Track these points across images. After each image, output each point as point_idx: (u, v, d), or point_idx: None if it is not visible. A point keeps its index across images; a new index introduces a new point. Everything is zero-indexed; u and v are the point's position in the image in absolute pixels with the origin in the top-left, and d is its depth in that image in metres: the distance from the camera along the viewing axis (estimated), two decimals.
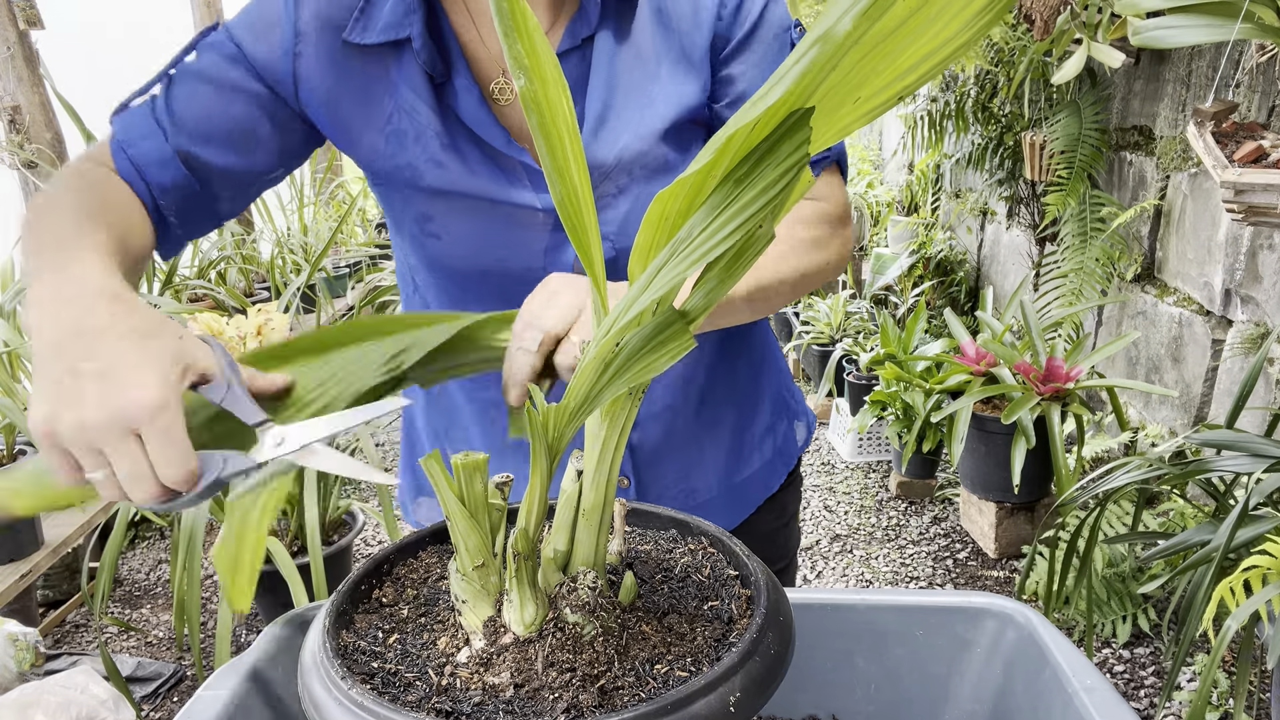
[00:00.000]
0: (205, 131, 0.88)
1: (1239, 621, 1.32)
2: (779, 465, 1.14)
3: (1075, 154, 2.85)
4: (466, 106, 0.88)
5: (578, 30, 0.90)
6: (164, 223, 0.89)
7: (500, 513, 0.60)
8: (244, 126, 0.90)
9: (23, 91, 2.54)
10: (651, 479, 1.04)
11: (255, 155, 0.91)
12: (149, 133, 0.87)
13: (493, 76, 0.91)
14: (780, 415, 1.14)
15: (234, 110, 0.89)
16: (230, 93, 0.89)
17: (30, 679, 1.66)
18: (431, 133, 0.89)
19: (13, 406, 1.93)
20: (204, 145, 0.88)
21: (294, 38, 0.88)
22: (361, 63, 0.88)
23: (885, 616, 0.79)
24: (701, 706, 0.51)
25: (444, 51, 0.89)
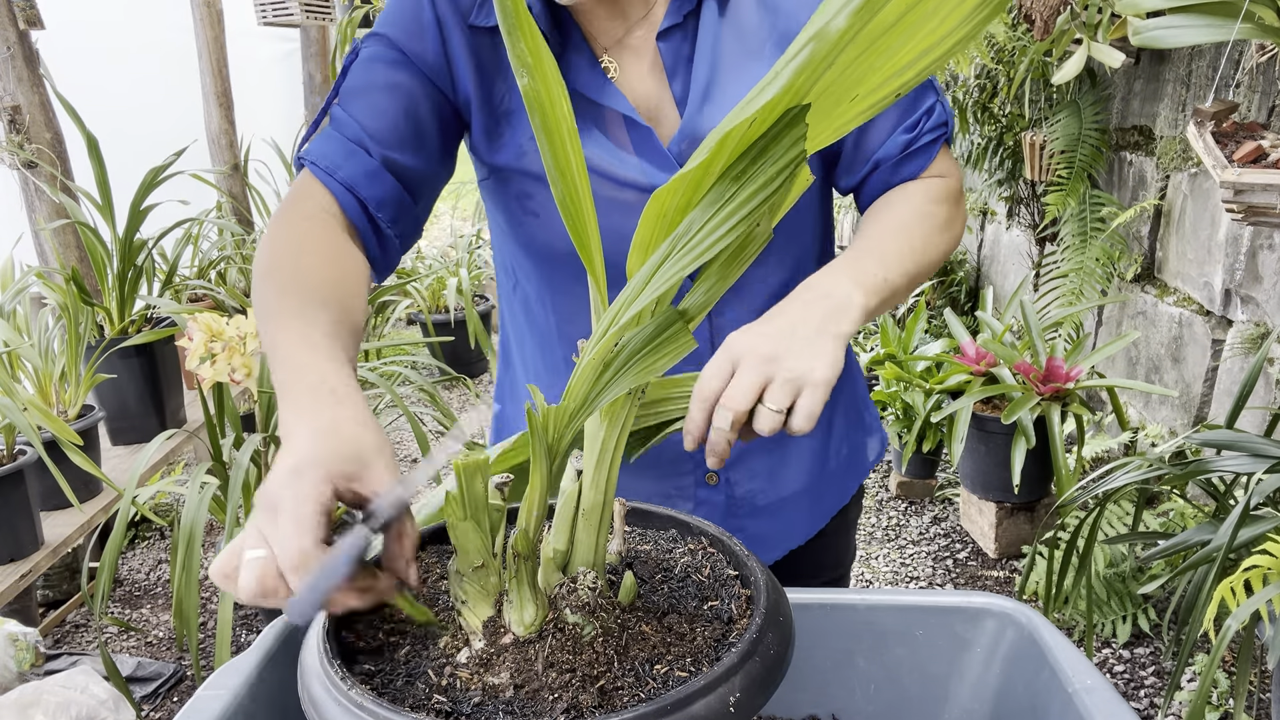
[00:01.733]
0: (397, 138, 0.91)
1: (1239, 621, 1.32)
2: (850, 478, 1.14)
3: (1075, 154, 2.85)
4: (580, 74, 0.92)
5: (681, 6, 0.92)
6: (380, 242, 0.91)
7: (500, 513, 0.60)
8: (421, 126, 0.93)
9: (23, 91, 2.54)
10: (739, 478, 1.05)
11: (430, 153, 0.94)
12: (351, 152, 0.89)
13: (602, 51, 0.94)
14: (855, 427, 1.14)
15: (413, 111, 0.92)
16: (405, 96, 0.92)
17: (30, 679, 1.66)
18: None
19: (12, 407, 1.93)
20: (400, 150, 0.91)
21: (438, 28, 0.92)
22: (485, 45, 0.93)
23: (885, 616, 0.79)
24: (701, 707, 0.51)
25: (560, 28, 0.92)
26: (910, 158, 0.96)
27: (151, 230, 2.74)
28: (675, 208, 0.53)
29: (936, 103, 0.96)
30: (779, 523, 1.09)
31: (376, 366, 2.78)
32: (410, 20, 0.92)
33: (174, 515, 2.92)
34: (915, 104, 0.96)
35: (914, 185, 0.96)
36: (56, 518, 2.22)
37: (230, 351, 1.81)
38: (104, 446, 2.57)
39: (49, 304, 2.43)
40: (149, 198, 2.60)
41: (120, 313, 2.56)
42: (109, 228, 2.58)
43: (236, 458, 2.03)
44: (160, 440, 2.14)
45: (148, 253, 2.62)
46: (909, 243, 0.88)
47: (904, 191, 0.95)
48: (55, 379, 2.29)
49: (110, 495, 2.31)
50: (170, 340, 2.58)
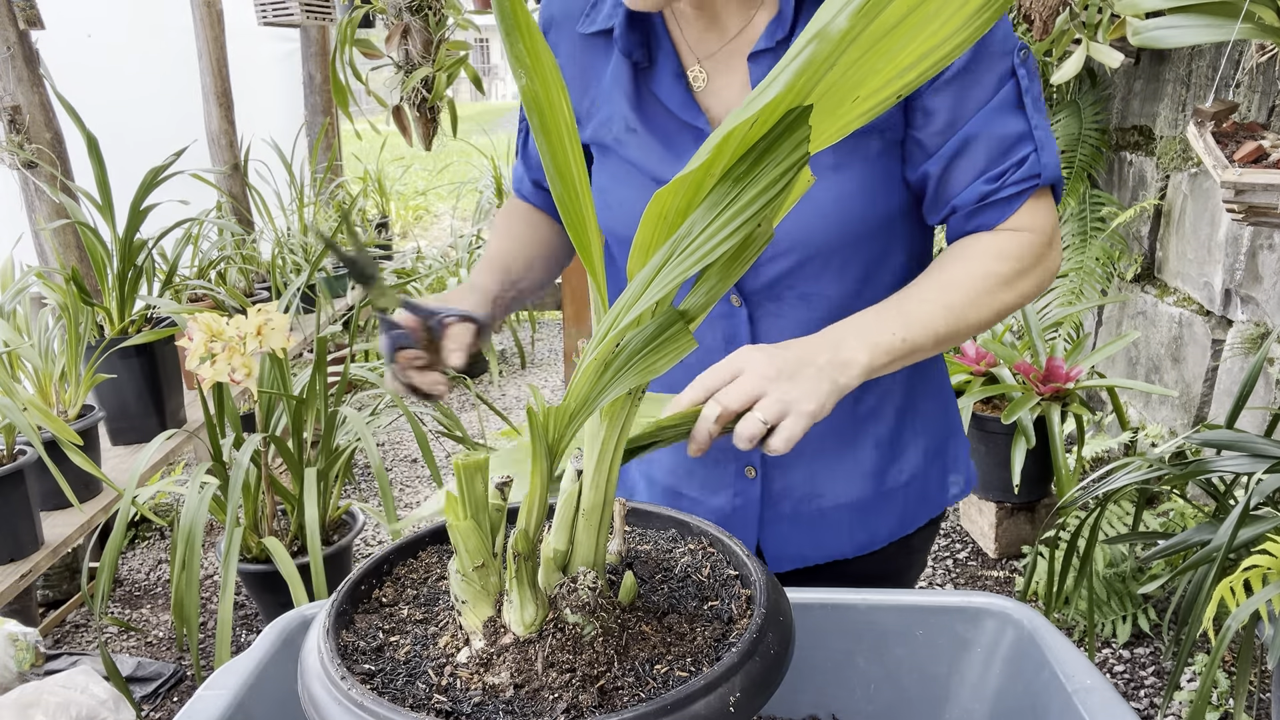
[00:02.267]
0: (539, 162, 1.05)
1: (1239, 621, 1.32)
2: (921, 509, 1.11)
3: (1075, 154, 2.85)
4: (664, 85, 0.98)
5: (775, 32, 0.94)
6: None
7: (500, 513, 0.60)
8: None
9: (23, 91, 2.54)
10: (778, 474, 1.05)
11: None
12: (521, 178, 1.18)
13: (689, 64, 0.99)
14: (935, 459, 1.11)
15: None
16: None
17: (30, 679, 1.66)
18: (619, 116, 1.00)
19: (12, 407, 1.93)
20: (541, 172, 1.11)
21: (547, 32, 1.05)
22: (587, 50, 1.03)
23: (885, 616, 0.79)
24: (701, 706, 0.51)
25: (650, 40, 0.99)
26: (986, 209, 0.94)
27: (151, 230, 2.74)
28: (676, 209, 0.52)
29: (1032, 153, 0.93)
30: (816, 531, 1.06)
31: (376, 366, 2.78)
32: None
33: (174, 515, 2.92)
34: (1007, 153, 0.93)
35: (986, 238, 0.94)
36: (56, 518, 2.21)
37: (230, 351, 1.80)
38: (104, 446, 2.57)
39: (49, 304, 2.43)
40: (149, 198, 2.60)
41: (120, 313, 2.56)
42: (109, 228, 2.58)
43: (236, 458, 2.03)
44: (160, 440, 2.14)
45: (148, 253, 2.62)
46: (948, 302, 0.89)
47: (971, 244, 0.94)
48: (55, 379, 2.29)
49: (110, 495, 2.31)
50: (170, 340, 2.58)
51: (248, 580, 2.30)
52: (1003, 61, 0.92)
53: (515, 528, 0.58)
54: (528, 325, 5.36)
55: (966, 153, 0.94)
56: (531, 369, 4.77)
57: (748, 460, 1.04)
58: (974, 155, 0.93)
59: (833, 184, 0.93)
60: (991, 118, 0.92)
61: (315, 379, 2.26)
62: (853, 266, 0.98)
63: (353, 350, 2.61)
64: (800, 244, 0.95)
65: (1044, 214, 0.96)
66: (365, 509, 2.46)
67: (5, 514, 2.01)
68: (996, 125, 0.92)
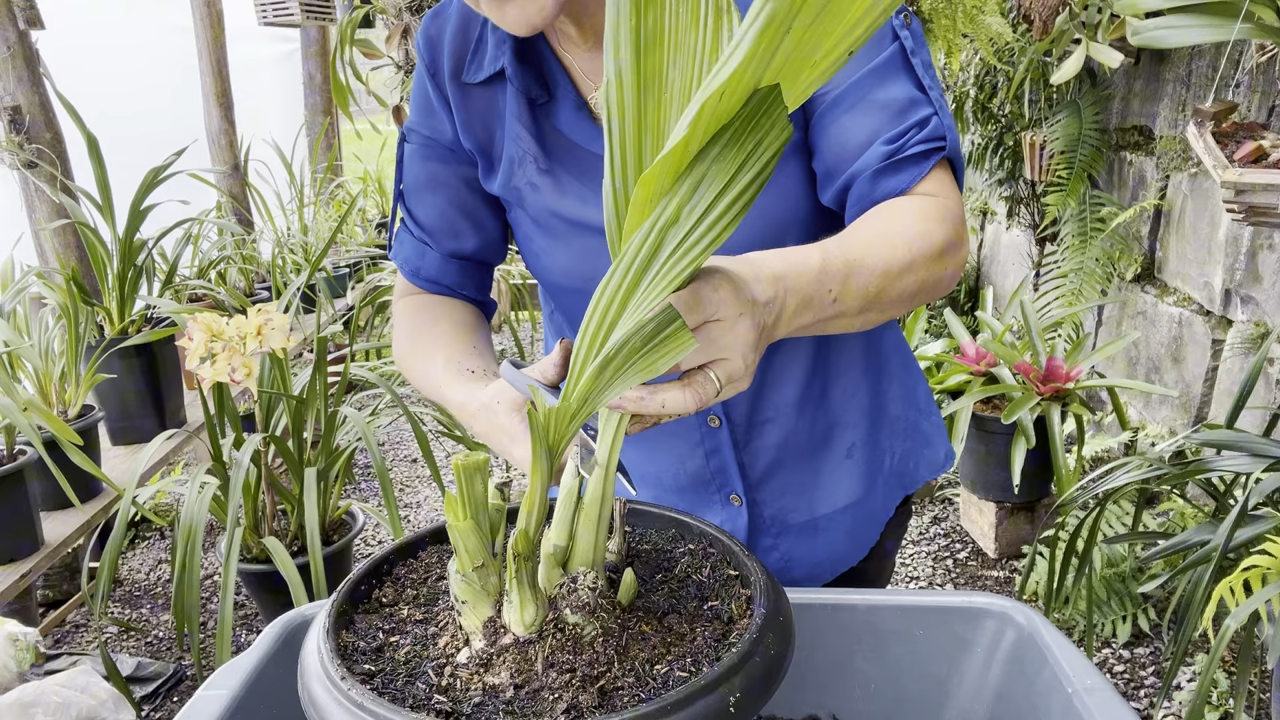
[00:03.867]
0: (452, 230, 1.01)
1: (1238, 621, 1.32)
2: (895, 490, 1.08)
3: (1075, 154, 2.85)
4: (565, 118, 0.93)
5: None
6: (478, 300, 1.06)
7: (500, 513, 0.60)
8: (468, 207, 1.01)
9: (23, 91, 2.54)
10: (764, 498, 1.03)
11: (488, 226, 1.03)
12: (422, 252, 1.03)
13: (589, 93, 0.94)
14: (911, 438, 1.09)
15: (456, 198, 1.01)
16: (444, 185, 1.01)
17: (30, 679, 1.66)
18: (530, 157, 0.95)
19: (12, 407, 1.93)
20: (456, 240, 1.02)
21: (445, 104, 0.97)
22: (480, 100, 0.96)
23: (885, 616, 0.79)
24: (701, 706, 0.51)
25: (544, 75, 0.93)
26: (893, 169, 0.83)
27: (151, 230, 2.74)
28: (660, 191, 0.53)
29: (933, 115, 0.84)
30: (814, 543, 1.05)
31: (376, 366, 2.78)
32: (423, 106, 0.99)
33: (174, 515, 2.92)
34: (903, 114, 0.84)
35: (909, 200, 0.82)
36: (56, 518, 2.21)
37: (230, 351, 1.80)
38: (104, 446, 2.57)
39: (49, 304, 2.43)
40: (149, 198, 2.60)
41: (120, 313, 2.56)
42: (109, 228, 2.58)
43: (236, 458, 2.03)
44: (160, 440, 2.14)
45: (148, 253, 2.62)
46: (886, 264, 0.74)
47: (899, 205, 0.82)
48: (55, 379, 2.29)
49: (110, 495, 2.31)
50: (170, 340, 2.58)
51: (248, 580, 2.30)
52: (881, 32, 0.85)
53: (515, 528, 0.58)
54: (528, 325, 5.36)
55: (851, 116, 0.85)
56: None
57: (730, 489, 1.03)
58: (860, 115, 0.85)
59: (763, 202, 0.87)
60: (873, 80, 0.85)
61: (315, 379, 2.26)
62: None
63: (353, 350, 2.61)
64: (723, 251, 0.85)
65: (951, 188, 0.85)
66: (365, 509, 2.46)
67: (5, 514, 2.01)
68: (881, 88, 0.85)
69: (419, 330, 0.99)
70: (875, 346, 1.05)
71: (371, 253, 4.65)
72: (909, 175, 0.83)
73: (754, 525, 1.04)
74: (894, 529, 1.12)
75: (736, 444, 1.01)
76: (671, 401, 0.60)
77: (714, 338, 0.60)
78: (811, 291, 0.69)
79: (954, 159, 0.86)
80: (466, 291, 1.04)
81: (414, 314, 1.01)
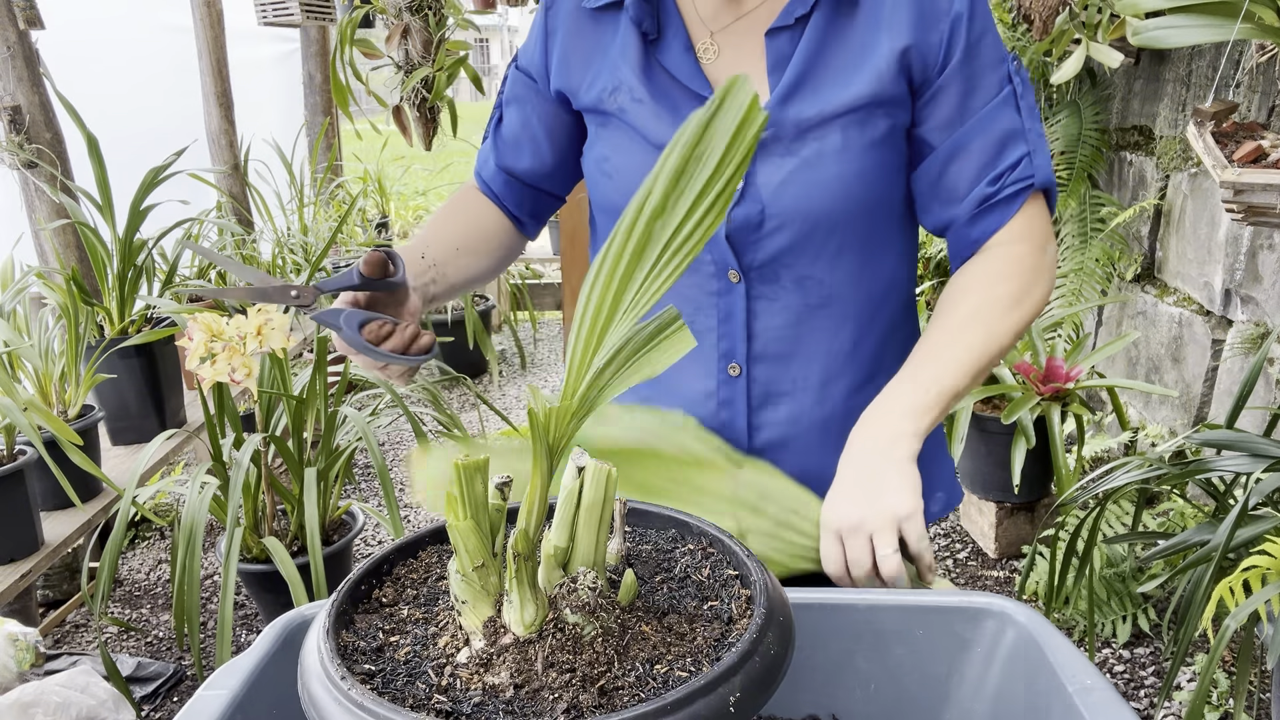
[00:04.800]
0: (514, 148, 1.12)
1: (1237, 621, 1.32)
2: None
3: (1075, 154, 2.85)
4: (672, 56, 0.99)
5: (794, 9, 0.95)
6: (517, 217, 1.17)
7: (500, 513, 0.60)
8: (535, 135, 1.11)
9: (23, 91, 2.54)
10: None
11: (544, 157, 1.13)
12: (486, 159, 1.16)
13: (700, 38, 1.00)
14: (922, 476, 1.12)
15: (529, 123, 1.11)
16: (522, 109, 1.11)
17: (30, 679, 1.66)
18: (626, 87, 1.01)
19: (12, 407, 1.93)
20: (516, 158, 1.13)
21: (544, 36, 1.07)
22: (592, 25, 1.03)
23: (885, 616, 0.79)
24: (701, 706, 0.51)
25: (659, 12, 1.00)
26: (987, 213, 0.97)
27: (151, 230, 2.74)
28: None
29: (1026, 156, 0.96)
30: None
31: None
32: (533, 36, 1.09)
33: (174, 515, 2.92)
34: (1002, 152, 0.96)
35: (978, 264, 0.98)
36: (56, 518, 2.21)
37: (230, 351, 1.80)
38: (104, 446, 2.57)
39: (49, 304, 2.43)
40: (149, 198, 2.60)
41: (120, 313, 2.56)
42: (109, 228, 2.58)
43: (236, 458, 2.03)
44: (160, 440, 2.14)
45: (148, 253, 2.62)
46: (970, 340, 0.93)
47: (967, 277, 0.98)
48: (55, 379, 2.29)
49: (110, 495, 2.31)
50: (170, 340, 2.58)
51: (248, 580, 2.30)
52: (998, 69, 0.97)
53: (515, 528, 0.58)
54: (528, 325, 5.36)
55: (965, 152, 0.97)
56: (532, 369, 4.77)
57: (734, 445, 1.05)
58: (974, 153, 0.96)
59: (835, 162, 0.96)
60: (991, 116, 0.96)
61: (315, 379, 2.26)
62: (848, 253, 0.99)
63: None
64: (800, 216, 0.97)
65: (1039, 220, 0.98)
66: (365, 509, 2.46)
67: (5, 514, 2.01)
68: (992, 125, 0.96)
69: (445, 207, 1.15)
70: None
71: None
72: (998, 218, 0.97)
73: None
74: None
75: (751, 404, 1.03)
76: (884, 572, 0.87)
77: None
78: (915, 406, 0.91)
79: (1047, 189, 0.99)
80: (507, 204, 1.15)
81: (454, 198, 1.16)
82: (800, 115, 0.96)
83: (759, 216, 0.97)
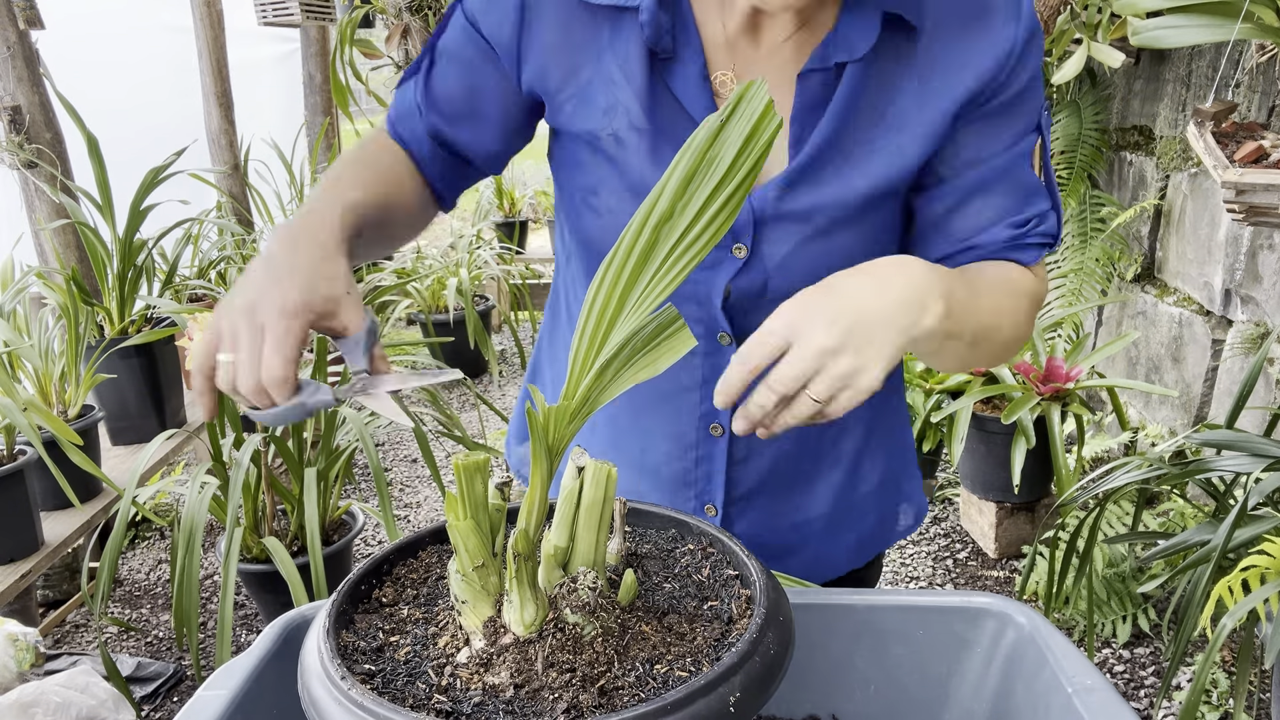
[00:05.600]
0: (452, 111, 0.93)
1: (1235, 620, 1.32)
2: (869, 546, 1.07)
3: (1075, 154, 2.85)
4: (688, 85, 0.84)
5: (831, 53, 0.82)
6: (431, 183, 0.98)
7: (500, 513, 0.60)
8: (479, 103, 0.93)
9: (23, 91, 2.54)
10: (739, 514, 1.01)
11: (485, 130, 0.94)
12: (409, 113, 0.95)
13: (720, 66, 0.86)
14: (888, 498, 1.07)
15: (475, 87, 0.92)
16: (470, 72, 0.92)
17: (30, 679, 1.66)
18: (623, 110, 0.86)
19: (12, 407, 1.93)
20: (451, 123, 0.94)
21: (520, 10, 0.87)
22: (584, 21, 0.86)
23: (885, 616, 0.79)
24: (701, 706, 0.51)
25: (675, 28, 0.84)
26: (1014, 252, 0.89)
27: (151, 230, 2.74)
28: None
29: (1050, 211, 0.90)
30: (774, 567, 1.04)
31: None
32: (502, 5, 0.88)
33: (174, 515, 2.91)
34: (1028, 202, 0.88)
35: (1018, 268, 0.89)
36: (56, 518, 2.21)
37: None
38: (104, 446, 2.57)
39: (49, 304, 2.43)
40: (149, 198, 2.60)
41: (120, 313, 2.56)
42: (109, 228, 2.58)
43: (236, 458, 2.03)
44: (160, 440, 2.14)
45: (148, 253, 2.62)
46: (995, 305, 0.81)
47: (1009, 267, 0.88)
48: (55, 379, 2.29)
49: (110, 495, 2.31)
50: (170, 340, 2.58)
51: (248, 580, 2.30)
52: (1034, 114, 0.88)
53: (515, 528, 0.58)
54: (528, 325, 5.36)
55: (989, 190, 0.88)
56: None
57: (709, 499, 1.00)
58: (996, 195, 0.88)
59: (849, 230, 0.88)
60: (1017, 162, 0.88)
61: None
62: None
63: None
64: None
65: (1044, 279, 0.93)
66: (365, 509, 2.46)
67: (5, 514, 2.01)
68: (1020, 171, 0.88)
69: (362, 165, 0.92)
70: (885, 391, 1.03)
71: None
72: (1028, 258, 0.89)
73: None
74: (870, 573, 1.11)
75: (731, 458, 0.98)
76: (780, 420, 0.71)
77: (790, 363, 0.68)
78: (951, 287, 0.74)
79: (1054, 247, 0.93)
80: (430, 174, 0.96)
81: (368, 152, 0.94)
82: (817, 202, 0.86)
83: (761, 288, 0.88)
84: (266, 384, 0.71)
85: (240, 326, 0.71)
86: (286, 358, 0.71)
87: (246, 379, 0.71)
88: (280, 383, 0.71)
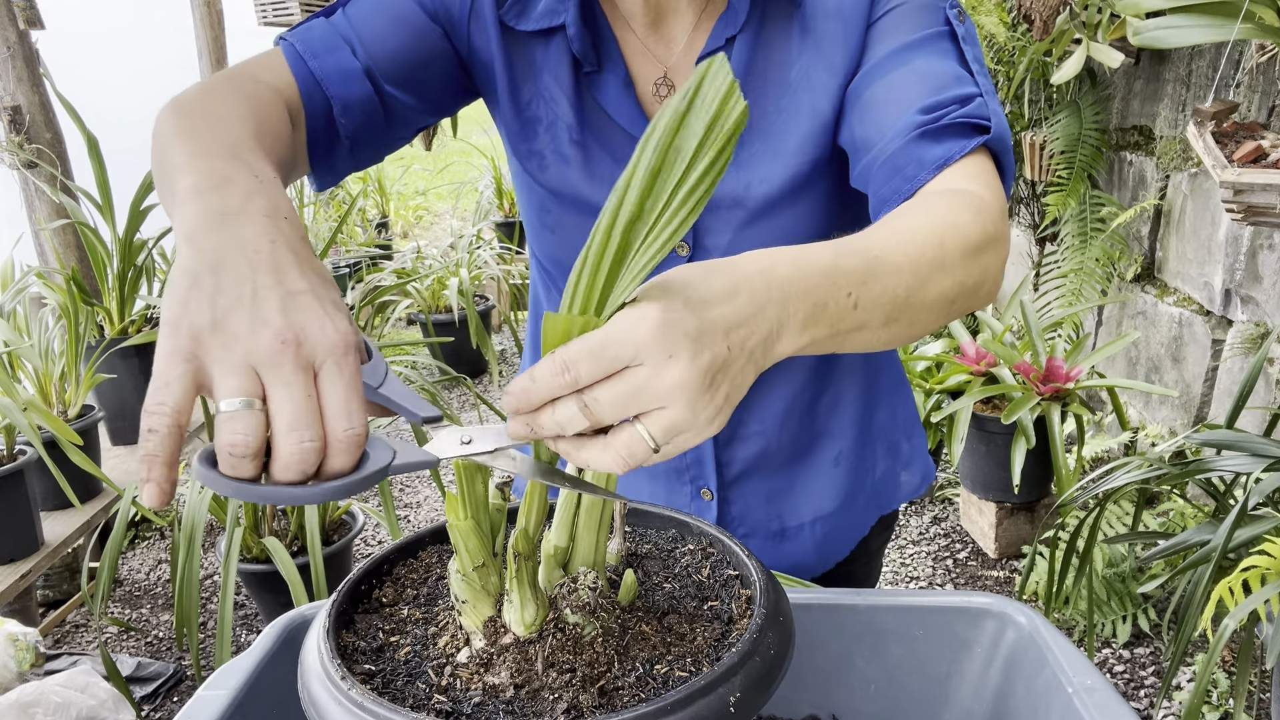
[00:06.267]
0: (393, 68, 0.82)
1: (1236, 620, 1.32)
2: (873, 509, 1.07)
3: (1075, 154, 2.85)
4: (611, 94, 0.85)
5: (723, 30, 0.84)
6: (330, 145, 0.82)
7: (500, 513, 0.60)
8: (420, 70, 0.84)
9: (23, 91, 2.54)
10: (736, 496, 1.01)
11: (421, 97, 0.86)
12: (335, 46, 0.80)
13: (651, 75, 0.87)
14: (891, 457, 1.07)
15: (420, 52, 0.84)
16: (415, 35, 0.84)
17: (30, 679, 1.66)
18: (563, 125, 0.87)
19: (12, 407, 1.93)
20: (389, 81, 0.83)
21: (467, 22, 0.86)
22: (517, 47, 0.87)
23: (885, 616, 0.79)
24: (701, 706, 0.51)
25: (598, 41, 0.86)
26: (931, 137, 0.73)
27: (152, 230, 2.74)
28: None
29: (978, 95, 0.75)
30: (779, 549, 1.04)
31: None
32: None
33: (174, 515, 2.92)
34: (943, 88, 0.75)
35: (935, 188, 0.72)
36: (56, 518, 2.22)
37: None
38: (104, 446, 2.57)
39: (49, 304, 2.43)
40: (149, 198, 2.60)
41: (120, 313, 2.56)
42: (109, 228, 2.58)
43: None
44: None
45: (148, 253, 2.62)
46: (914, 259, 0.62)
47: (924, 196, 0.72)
48: (55, 379, 2.29)
49: (110, 495, 2.31)
50: None
51: (248, 580, 2.30)
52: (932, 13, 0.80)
53: (515, 527, 0.58)
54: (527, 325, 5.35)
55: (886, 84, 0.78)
56: None
57: (704, 483, 1.00)
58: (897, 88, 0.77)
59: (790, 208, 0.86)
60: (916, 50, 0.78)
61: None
62: None
63: None
64: None
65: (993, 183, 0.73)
66: (365, 509, 2.46)
67: (5, 514, 2.01)
68: (923, 58, 0.78)
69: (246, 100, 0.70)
70: (872, 360, 1.03)
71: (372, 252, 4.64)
72: (948, 147, 0.72)
73: (721, 522, 1.02)
74: (876, 534, 1.11)
75: (718, 441, 0.98)
76: (594, 460, 0.49)
77: (637, 386, 0.47)
78: (824, 295, 0.54)
79: (1000, 153, 0.75)
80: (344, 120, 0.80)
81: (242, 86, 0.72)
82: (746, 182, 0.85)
83: None
84: (341, 442, 0.47)
85: (271, 360, 0.47)
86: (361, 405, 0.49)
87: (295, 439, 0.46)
88: (358, 441, 0.48)
